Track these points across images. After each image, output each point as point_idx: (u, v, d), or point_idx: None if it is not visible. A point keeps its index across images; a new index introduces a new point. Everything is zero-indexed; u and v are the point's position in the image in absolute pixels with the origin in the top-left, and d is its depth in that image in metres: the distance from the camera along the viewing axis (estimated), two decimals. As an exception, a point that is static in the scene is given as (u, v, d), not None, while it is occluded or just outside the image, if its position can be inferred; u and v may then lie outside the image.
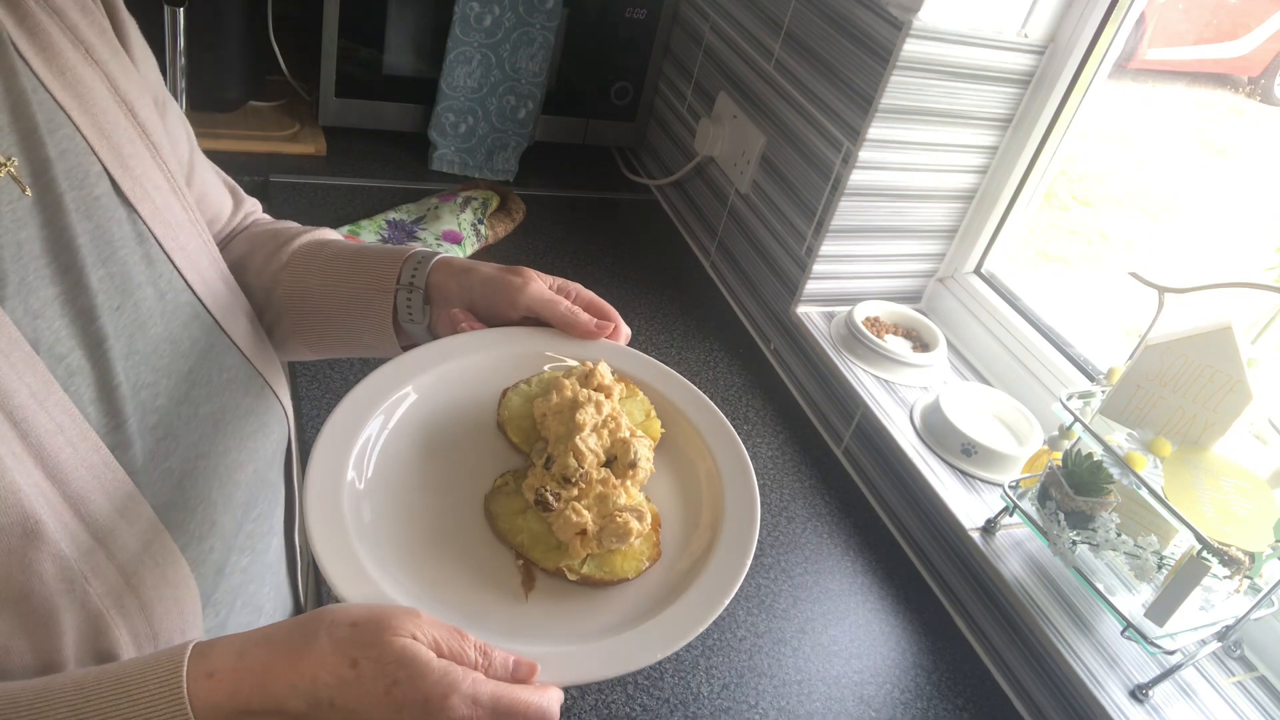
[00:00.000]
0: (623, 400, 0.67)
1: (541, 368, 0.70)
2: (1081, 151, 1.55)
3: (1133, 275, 0.94)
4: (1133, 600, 0.93)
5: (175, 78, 1.41)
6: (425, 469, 0.63)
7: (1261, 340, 0.93)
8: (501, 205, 1.54)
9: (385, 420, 0.64)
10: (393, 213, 1.45)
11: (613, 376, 0.68)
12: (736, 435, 0.67)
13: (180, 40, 1.38)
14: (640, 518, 0.59)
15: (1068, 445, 0.98)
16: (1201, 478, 0.88)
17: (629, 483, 0.62)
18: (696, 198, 1.64)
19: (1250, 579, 0.86)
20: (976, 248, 1.34)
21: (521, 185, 1.66)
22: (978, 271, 1.36)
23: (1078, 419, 0.94)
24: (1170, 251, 1.94)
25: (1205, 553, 0.82)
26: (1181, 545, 0.93)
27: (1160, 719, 0.89)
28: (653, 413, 0.69)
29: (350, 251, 0.76)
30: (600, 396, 0.64)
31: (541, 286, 0.71)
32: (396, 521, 0.59)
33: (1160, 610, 0.87)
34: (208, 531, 0.62)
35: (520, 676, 0.50)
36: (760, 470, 1.22)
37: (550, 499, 0.59)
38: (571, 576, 0.58)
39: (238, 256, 0.78)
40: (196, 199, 0.75)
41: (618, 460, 0.63)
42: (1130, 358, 0.95)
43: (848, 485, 1.24)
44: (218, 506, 0.63)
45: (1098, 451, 0.93)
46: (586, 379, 0.66)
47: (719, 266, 1.57)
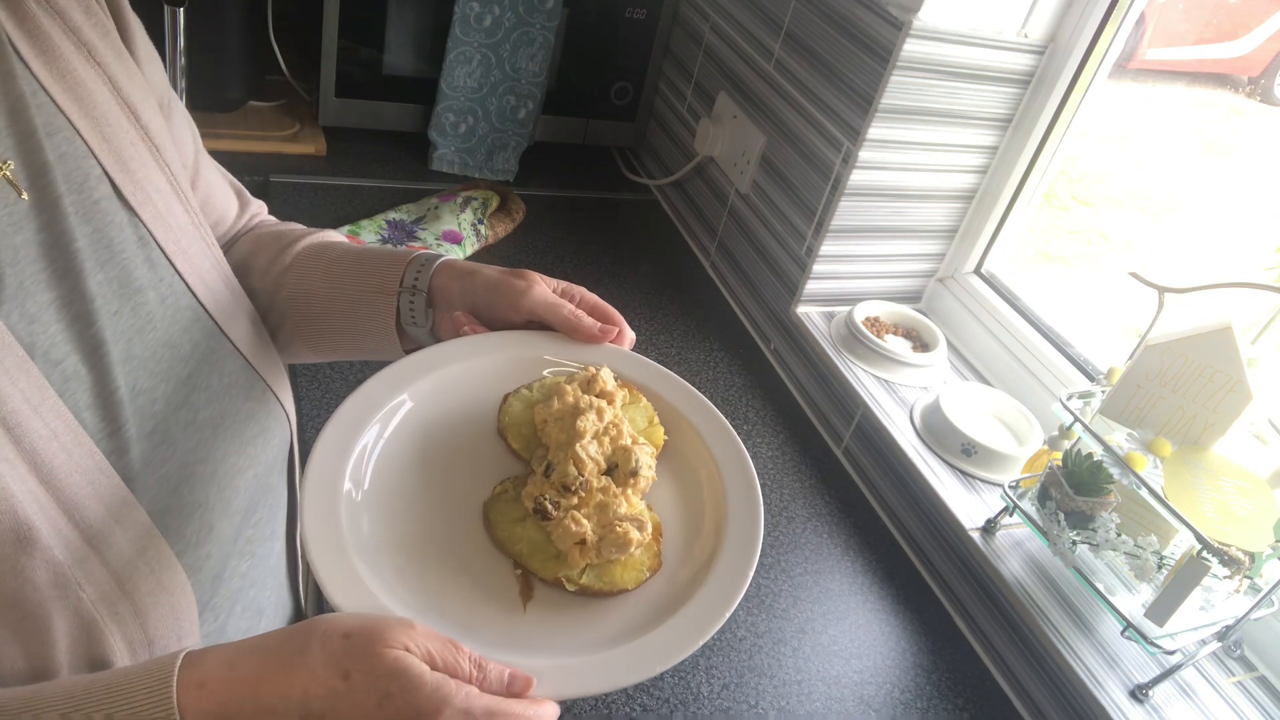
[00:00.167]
0: (625, 406, 0.66)
1: (542, 373, 0.69)
2: (1081, 151, 1.55)
3: (1133, 275, 0.94)
4: (1133, 600, 0.93)
5: (175, 78, 1.41)
6: (424, 476, 0.62)
7: (1261, 340, 0.93)
8: (501, 205, 1.54)
9: (382, 428, 0.62)
10: (393, 213, 1.45)
11: (615, 382, 0.66)
12: (741, 444, 0.66)
13: (180, 40, 1.38)
14: (641, 527, 0.58)
15: (1068, 445, 0.98)
16: (1201, 478, 0.88)
17: (630, 491, 0.61)
18: (696, 198, 1.64)
19: (1250, 579, 0.86)
20: (976, 248, 1.34)
21: (521, 185, 1.66)
22: (978, 271, 1.36)
23: (1078, 419, 0.94)
24: (1170, 251, 1.94)
25: (1205, 553, 0.82)
26: (1181, 545, 0.93)
27: (1160, 719, 0.89)
28: (656, 419, 0.67)
29: (354, 254, 0.75)
30: (602, 403, 0.63)
31: (545, 290, 0.70)
32: (394, 530, 0.58)
33: (1160, 610, 0.87)
34: (205, 537, 0.62)
35: (515, 690, 0.49)
36: (760, 470, 1.21)
37: (549, 507, 0.58)
38: (570, 587, 0.57)
39: (242, 258, 0.78)
40: (201, 201, 0.74)
41: (619, 468, 0.62)
42: (1130, 358, 0.95)
43: (848, 485, 1.24)
44: (215, 512, 0.63)
45: (1098, 451, 0.93)
46: (589, 385, 0.65)
47: (719, 266, 1.57)
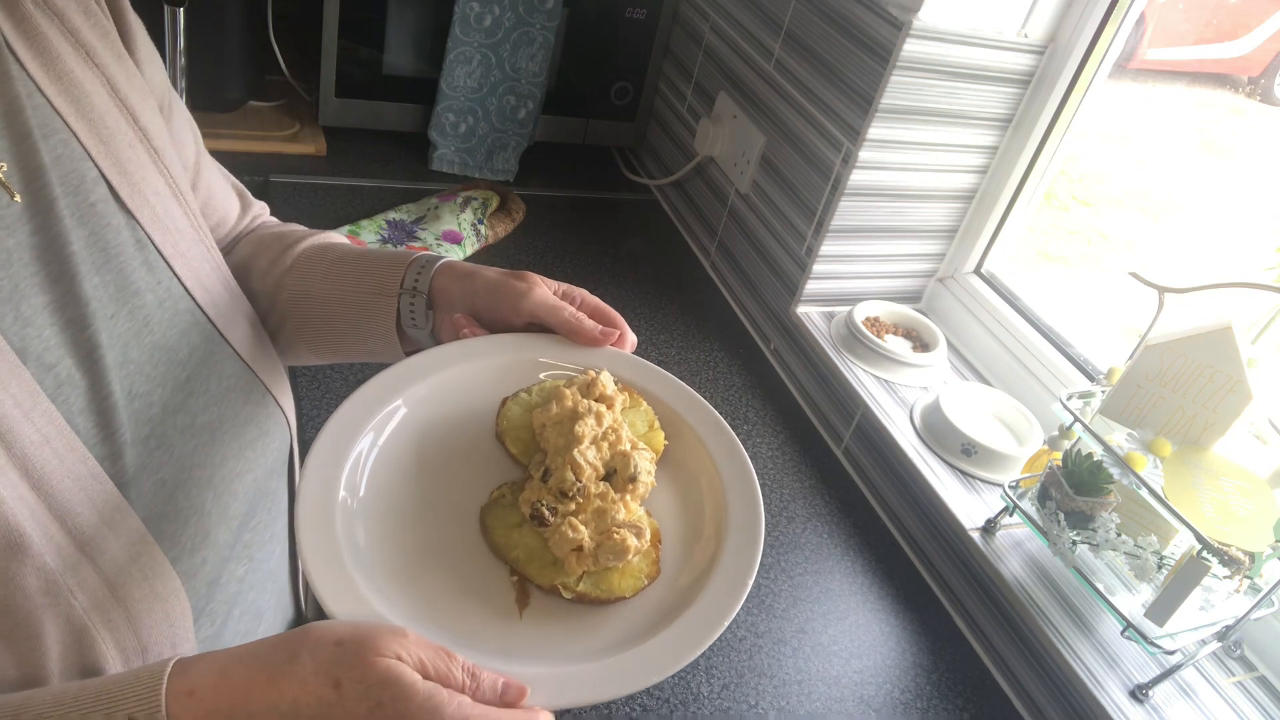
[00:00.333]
0: (626, 411, 0.65)
1: (540, 376, 0.68)
2: (1081, 151, 1.55)
3: (1133, 275, 0.94)
4: (1133, 600, 0.93)
5: (175, 78, 1.41)
6: (421, 481, 0.61)
7: (1261, 340, 0.92)
8: (501, 205, 1.54)
9: (379, 433, 0.61)
10: (393, 213, 1.45)
11: (616, 386, 0.66)
12: (743, 450, 0.65)
13: (180, 40, 1.38)
14: (639, 534, 0.57)
15: (1068, 445, 0.98)
16: (1201, 478, 0.88)
17: (628, 497, 0.60)
18: (696, 198, 1.64)
19: (1250, 579, 0.86)
20: (976, 248, 1.34)
21: (521, 185, 1.66)
22: (978, 271, 1.36)
23: (1078, 419, 0.94)
24: (1170, 251, 1.94)
25: (1205, 553, 0.82)
26: (1181, 545, 0.93)
27: (1160, 719, 0.89)
28: (656, 424, 0.66)
29: (355, 255, 0.75)
30: (601, 407, 0.62)
31: (546, 292, 0.69)
32: (390, 535, 0.57)
33: (1160, 610, 0.87)
34: (200, 543, 0.61)
35: (509, 700, 0.49)
36: (760, 470, 1.22)
37: (546, 513, 0.57)
38: (567, 594, 0.56)
39: (242, 260, 0.77)
40: (202, 203, 0.74)
41: (617, 474, 0.61)
42: (1130, 358, 0.95)
43: (848, 485, 1.24)
44: (212, 518, 0.62)
45: (1098, 451, 0.93)
46: (588, 389, 0.64)
47: (719, 266, 1.57)
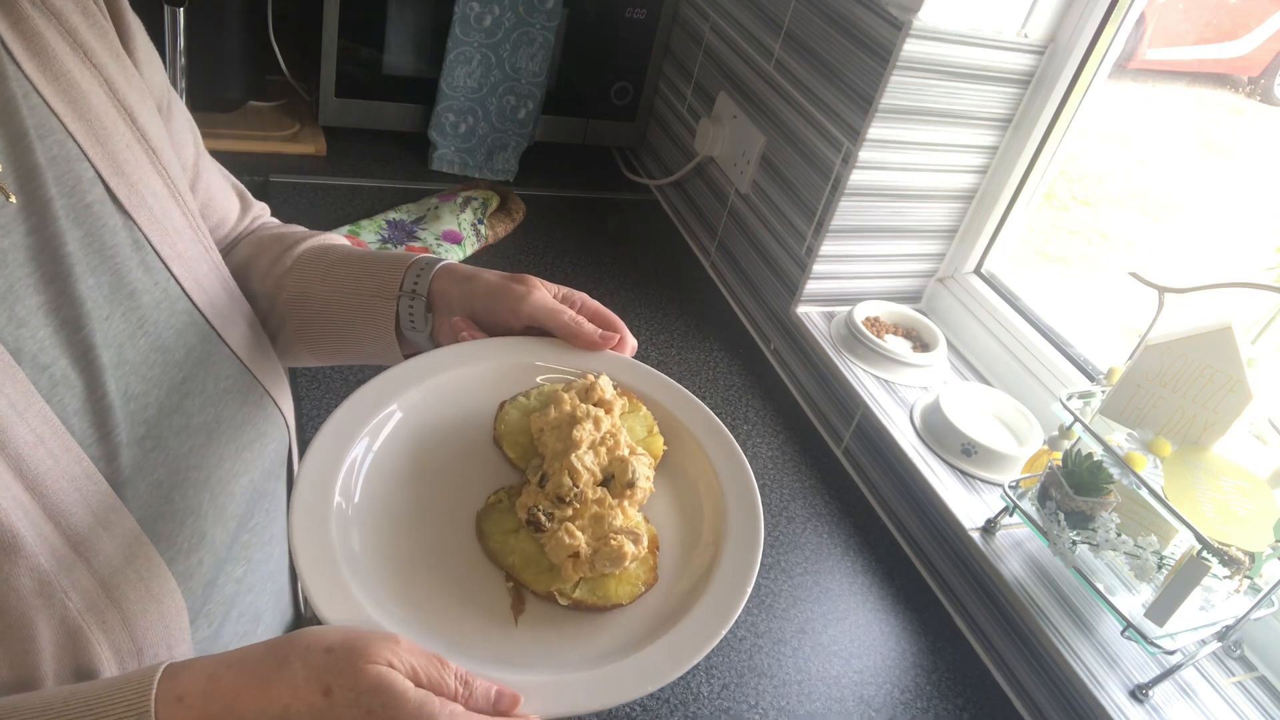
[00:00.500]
0: (625, 415, 0.65)
1: (537, 380, 0.67)
2: (1081, 151, 1.55)
3: (1133, 275, 0.94)
4: (1133, 600, 0.93)
5: (175, 78, 1.41)
6: (417, 485, 0.60)
7: (1261, 340, 0.92)
8: (501, 205, 1.54)
9: (373, 438, 0.61)
10: (393, 213, 1.45)
11: (615, 391, 0.65)
12: (742, 454, 0.64)
13: (180, 40, 1.38)
14: (636, 540, 0.57)
15: (1068, 445, 0.98)
16: (1201, 478, 0.88)
17: (626, 503, 0.59)
18: (696, 198, 1.64)
19: (1250, 579, 0.86)
20: (976, 248, 1.34)
21: (521, 185, 1.66)
22: (978, 271, 1.36)
23: (1078, 419, 0.94)
24: (1170, 251, 1.94)
25: (1205, 553, 0.82)
26: (1181, 545, 0.93)
27: (1160, 719, 0.89)
28: (655, 429, 0.66)
29: (354, 257, 0.75)
30: (599, 412, 0.62)
31: (545, 295, 0.69)
32: (385, 540, 0.57)
33: (1160, 610, 0.87)
34: (197, 544, 0.61)
35: (502, 709, 0.48)
36: (760, 470, 1.22)
37: (542, 519, 0.57)
38: (563, 601, 0.56)
39: (242, 261, 0.77)
40: (202, 204, 0.74)
41: (615, 479, 0.60)
42: (1130, 358, 0.95)
43: (848, 485, 1.24)
44: (208, 519, 0.62)
45: (1098, 451, 0.93)
46: (587, 393, 0.63)
47: (719, 266, 1.57)
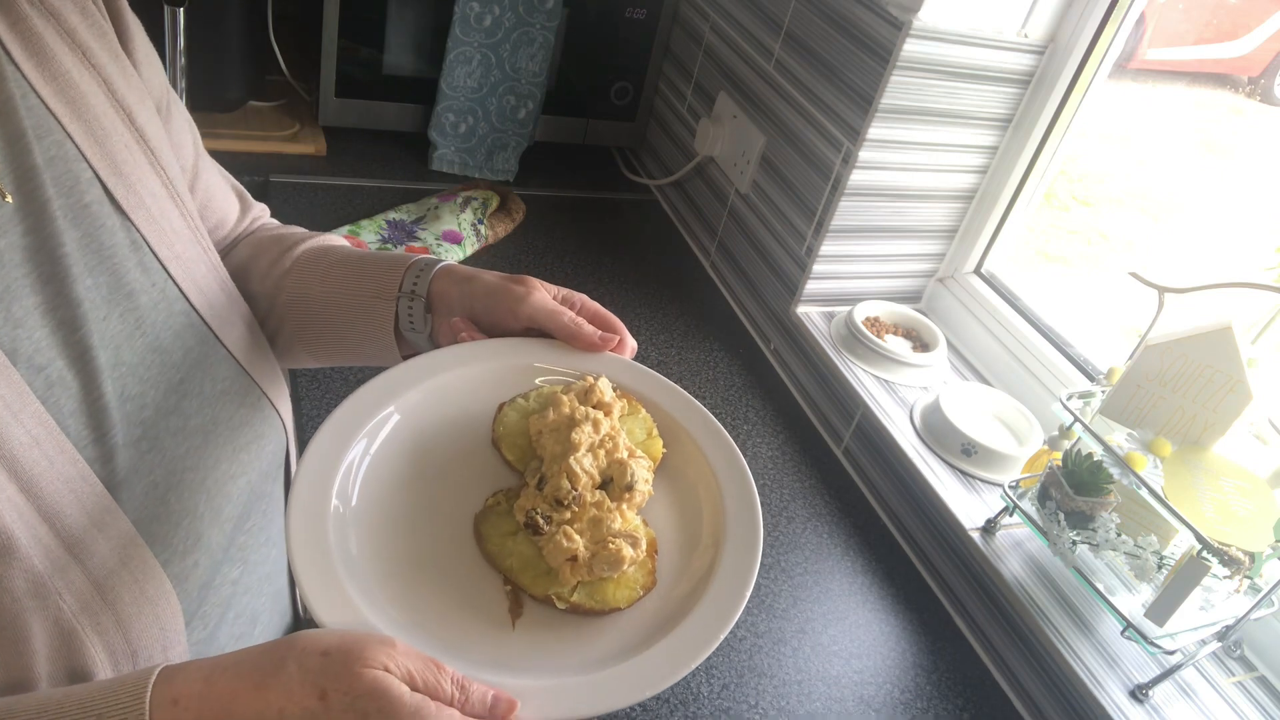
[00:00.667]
0: (624, 418, 0.64)
1: (536, 381, 0.67)
2: (1081, 151, 1.55)
3: (1133, 275, 0.94)
4: (1133, 600, 0.93)
5: (175, 78, 1.41)
6: (415, 488, 0.60)
7: (1261, 340, 0.93)
8: (501, 205, 1.54)
9: (371, 440, 0.60)
10: (393, 213, 1.45)
11: (614, 393, 0.64)
12: (742, 458, 0.64)
13: (180, 40, 1.38)
14: (634, 544, 0.57)
15: (1068, 445, 0.98)
16: (1201, 478, 0.88)
17: (625, 506, 0.59)
18: (696, 198, 1.64)
19: (1250, 579, 0.86)
20: (976, 248, 1.34)
21: (521, 185, 1.66)
22: (978, 271, 1.36)
23: (1078, 419, 0.94)
24: (1170, 251, 1.94)
25: (1205, 553, 0.82)
26: (1181, 545, 0.93)
27: (1160, 719, 0.89)
28: (655, 431, 0.65)
29: (354, 258, 0.74)
30: (598, 414, 0.61)
31: (545, 296, 0.68)
32: (383, 543, 0.56)
33: (1160, 610, 0.87)
34: (192, 546, 0.61)
35: (499, 713, 0.48)
36: (760, 470, 1.22)
37: (540, 522, 0.56)
38: (560, 605, 0.55)
39: (241, 262, 0.77)
40: (201, 204, 0.74)
41: (614, 482, 0.60)
42: (1130, 358, 0.95)
43: (848, 485, 1.24)
44: (205, 520, 0.62)
45: (1098, 451, 0.93)
46: (586, 395, 0.63)
47: (719, 266, 1.57)
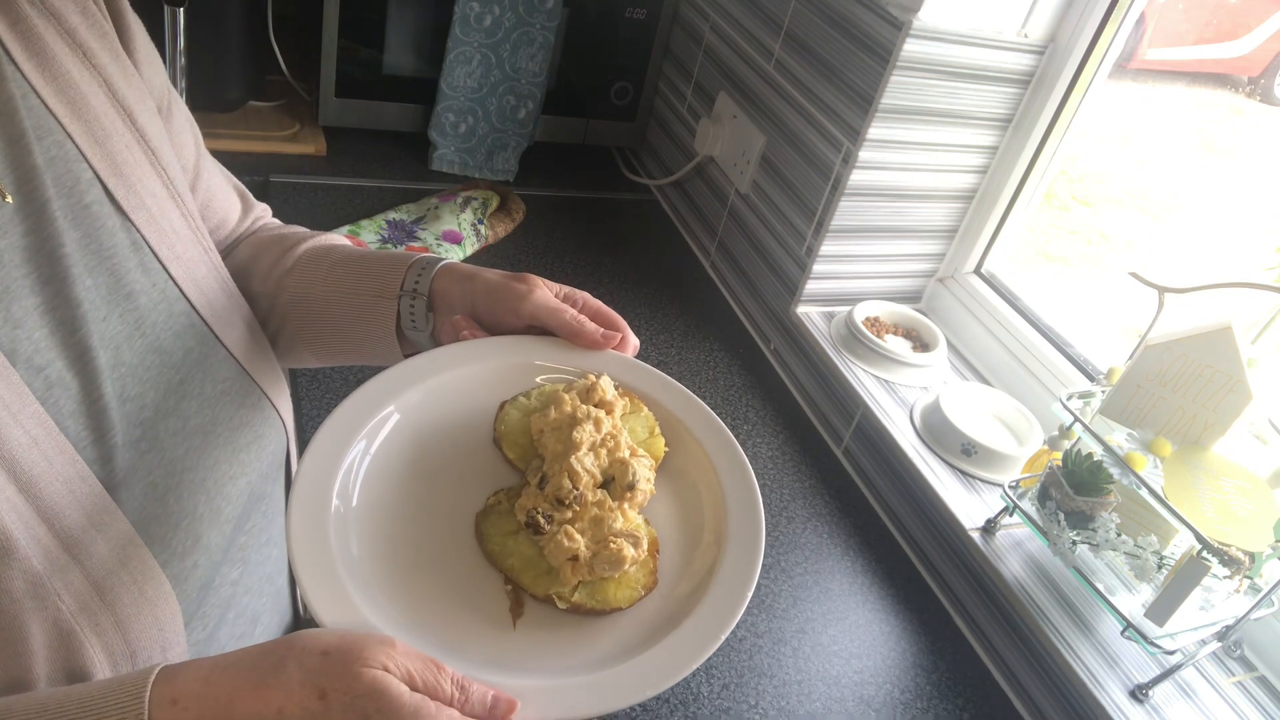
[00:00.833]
0: (626, 416, 0.64)
1: (537, 379, 0.67)
2: (1081, 151, 1.54)
3: (1133, 275, 0.94)
4: (1133, 600, 0.93)
5: (175, 78, 1.41)
6: (416, 486, 0.60)
7: (1261, 340, 0.92)
8: (501, 205, 1.54)
9: (371, 439, 0.60)
10: (393, 213, 1.45)
11: (616, 391, 0.64)
12: (744, 457, 0.64)
13: (180, 40, 1.38)
14: (636, 544, 0.56)
15: (1068, 445, 0.98)
16: (1201, 478, 0.88)
17: (626, 505, 0.59)
18: (696, 198, 1.64)
19: (1250, 579, 0.86)
20: (976, 248, 1.34)
21: (521, 185, 1.66)
22: (978, 271, 1.36)
23: (1078, 419, 0.94)
24: (1170, 251, 1.94)
25: (1205, 553, 0.82)
26: (1181, 545, 0.93)
27: (1160, 719, 0.89)
28: (657, 430, 0.65)
29: (355, 257, 0.74)
30: (600, 413, 0.61)
31: (546, 294, 0.68)
32: (383, 542, 0.56)
33: (1160, 610, 0.87)
34: (191, 546, 0.61)
35: (498, 714, 0.48)
36: (760, 470, 1.22)
37: (541, 521, 0.56)
38: (561, 605, 0.55)
39: (242, 262, 0.77)
40: (202, 204, 0.74)
41: (615, 481, 0.59)
42: (1130, 358, 0.95)
43: (848, 485, 1.24)
44: (204, 521, 0.62)
45: (1098, 451, 0.93)
46: (588, 394, 0.63)
47: (719, 266, 1.57)
